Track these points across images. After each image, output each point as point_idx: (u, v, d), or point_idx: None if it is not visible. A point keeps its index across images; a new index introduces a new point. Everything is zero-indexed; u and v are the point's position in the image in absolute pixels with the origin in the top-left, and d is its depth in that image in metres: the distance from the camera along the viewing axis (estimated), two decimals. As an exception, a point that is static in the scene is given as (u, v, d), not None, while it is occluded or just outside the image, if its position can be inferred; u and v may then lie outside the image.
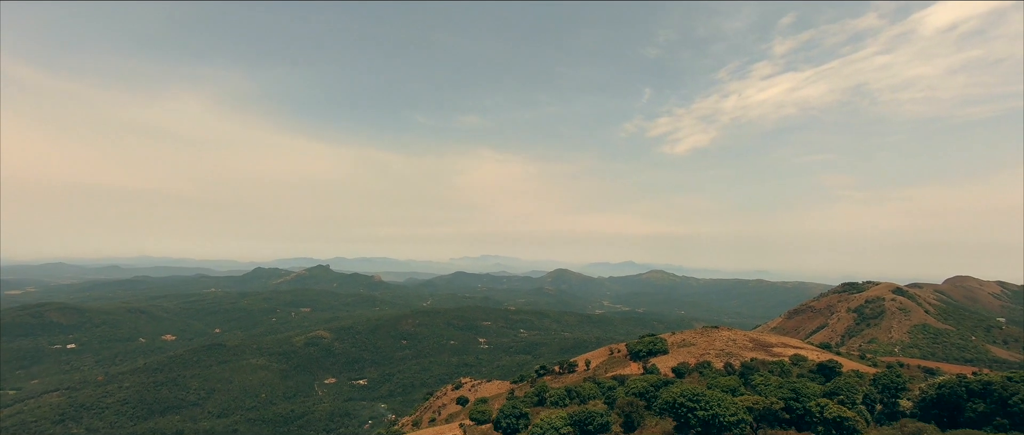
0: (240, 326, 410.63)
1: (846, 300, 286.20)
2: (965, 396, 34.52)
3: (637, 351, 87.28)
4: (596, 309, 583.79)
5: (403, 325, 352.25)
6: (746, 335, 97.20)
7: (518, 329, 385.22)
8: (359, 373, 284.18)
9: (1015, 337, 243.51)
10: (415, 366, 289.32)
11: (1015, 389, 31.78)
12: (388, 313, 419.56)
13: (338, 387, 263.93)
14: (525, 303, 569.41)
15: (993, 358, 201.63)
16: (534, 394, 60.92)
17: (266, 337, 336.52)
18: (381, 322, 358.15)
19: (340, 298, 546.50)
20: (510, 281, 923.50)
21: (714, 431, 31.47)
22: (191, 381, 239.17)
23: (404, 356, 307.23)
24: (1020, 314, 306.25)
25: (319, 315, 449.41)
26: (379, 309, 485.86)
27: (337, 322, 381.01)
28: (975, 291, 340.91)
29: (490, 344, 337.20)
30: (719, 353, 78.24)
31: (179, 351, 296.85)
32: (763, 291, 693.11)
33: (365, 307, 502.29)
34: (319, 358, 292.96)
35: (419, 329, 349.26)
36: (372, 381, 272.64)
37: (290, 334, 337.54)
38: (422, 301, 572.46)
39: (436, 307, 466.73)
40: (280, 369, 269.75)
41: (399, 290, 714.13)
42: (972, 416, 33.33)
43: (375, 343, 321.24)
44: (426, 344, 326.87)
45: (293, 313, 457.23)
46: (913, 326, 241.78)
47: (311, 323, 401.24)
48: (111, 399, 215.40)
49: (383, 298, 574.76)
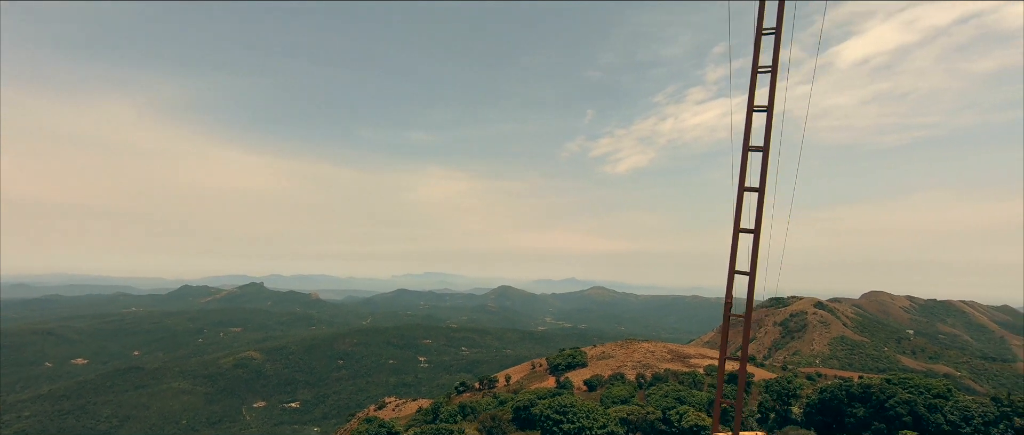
0: (162, 348, 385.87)
1: (772, 314, 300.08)
2: (846, 401, 36.39)
3: (557, 365, 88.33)
4: (539, 326, 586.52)
5: (340, 344, 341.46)
6: (665, 347, 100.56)
7: (459, 347, 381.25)
8: (291, 395, 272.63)
9: (922, 347, 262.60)
10: (351, 387, 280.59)
11: (892, 392, 33.89)
12: (325, 332, 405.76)
13: (268, 411, 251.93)
14: (467, 320, 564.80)
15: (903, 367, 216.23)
16: (430, 411, 60.44)
17: (191, 359, 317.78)
18: (317, 342, 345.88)
19: (274, 317, 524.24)
20: (453, 298, 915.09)
21: None
22: (102, 408, 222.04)
23: (340, 377, 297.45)
24: (926, 326, 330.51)
25: (251, 335, 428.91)
26: (316, 328, 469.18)
27: (270, 342, 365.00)
28: (888, 305, 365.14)
29: (430, 363, 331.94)
30: (636, 365, 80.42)
31: (90, 376, 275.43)
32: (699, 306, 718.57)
33: (301, 326, 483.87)
34: (248, 380, 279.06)
35: (357, 348, 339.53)
36: (305, 404, 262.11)
37: (217, 355, 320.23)
38: (361, 319, 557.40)
39: (376, 325, 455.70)
40: (205, 393, 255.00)
41: (338, 308, 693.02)
42: (852, 421, 35.19)
43: (310, 364, 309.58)
44: (364, 364, 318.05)
45: (222, 333, 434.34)
46: (833, 338, 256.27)
47: (241, 343, 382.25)
48: (7, 431, 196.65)
49: (320, 317, 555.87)
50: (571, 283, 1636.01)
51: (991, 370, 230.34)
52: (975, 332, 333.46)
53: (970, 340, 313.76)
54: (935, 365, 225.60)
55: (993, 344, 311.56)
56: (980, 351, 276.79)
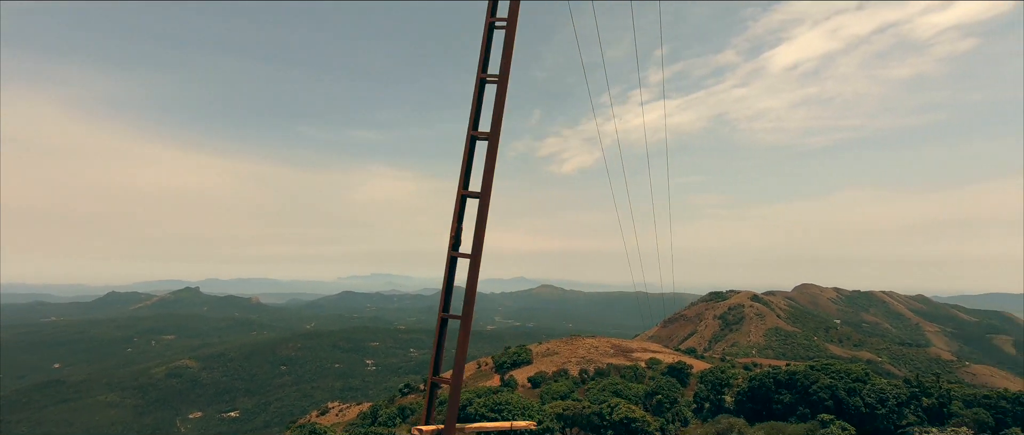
0: (87, 359, 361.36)
1: (712, 308, 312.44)
2: (773, 387, 38.42)
3: (502, 363, 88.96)
4: (488, 325, 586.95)
5: (283, 349, 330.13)
6: (609, 342, 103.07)
7: (408, 349, 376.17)
8: (230, 404, 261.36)
9: (848, 335, 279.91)
10: (295, 393, 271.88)
11: (815, 377, 36.06)
12: (266, 337, 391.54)
13: (205, 422, 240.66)
14: (417, 321, 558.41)
15: (830, 355, 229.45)
16: (369, 415, 59.74)
17: (119, 370, 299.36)
18: (258, 347, 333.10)
19: (211, 323, 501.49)
20: (401, 300, 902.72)
21: None
22: (18, 427, 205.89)
23: (283, 383, 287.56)
24: (852, 316, 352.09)
25: (185, 342, 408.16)
26: (256, 333, 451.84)
27: (206, 349, 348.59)
28: (817, 297, 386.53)
29: (378, 365, 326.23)
30: (580, 360, 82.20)
31: (3, 392, 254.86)
32: (644, 302, 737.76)
33: (240, 332, 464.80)
34: (183, 390, 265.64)
35: (301, 353, 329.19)
36: (245, 412, 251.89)
37: (148, 365, 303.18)
38: (305, 323, 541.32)
39: (320, 329, 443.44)
40: (135, 405, 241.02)
41: (280, 312, 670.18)
42: (779, 407, 37.16)
43: (250, 370, 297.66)
44: (308, 369, 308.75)
45: (154, 341, 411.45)
46: (768, 330, 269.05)
47: (175, 351, 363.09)
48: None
49: (261, 321, 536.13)
50: (520, 282, 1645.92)
51: (908, 355, 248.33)
52: (894, 320, 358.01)
53: (890, 328, 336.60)
54: (859, 352, 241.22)
55: (909, 331, 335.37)
56: (898, 338, 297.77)
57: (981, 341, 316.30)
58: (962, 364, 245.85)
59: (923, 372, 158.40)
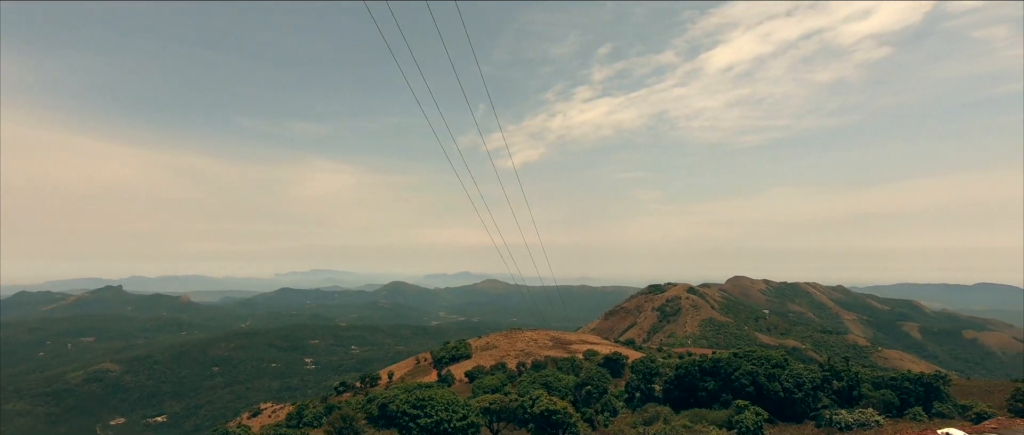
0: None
1: (651, 300, 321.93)
2: (698, 375, 40.00)
3: (441, 358, 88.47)
4: (432, 321, 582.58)
5: (215, 350, 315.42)
6: (548, 335, 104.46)
7: (349, 346, 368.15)
8: (157, 409, 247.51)
9: (775, 324, 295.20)
10: (229, 394, 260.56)
11: (738, 364, 37.75)
12: (197, 338, 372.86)
13: (128, 428, 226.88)
14: (358, 318, 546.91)
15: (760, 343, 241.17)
16: (295, 415, 58.22)
17: (30, 376, 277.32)
18: (188, 348, 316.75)
19: (136, 323, 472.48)
20: (342, 296, 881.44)
21: None
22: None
23: (215, 385, 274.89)
24: (779, 306, 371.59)
25: (106, 345, 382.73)
26: (187, 334, 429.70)
27: (130, 351, 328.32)
28: (748, 288, 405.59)
29: (317, 364, 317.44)
30: (519, 353, 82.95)
31: None
32: (587, 295, 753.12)
33: (168, 332, 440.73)
34: (104, 396, 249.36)
35: (235, 353, 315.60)
36: (174, 417, 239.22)
37: (64, 369, 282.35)
38: (240, 322, 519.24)
39: (256, 327, 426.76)
40: (47, 413, 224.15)
41: (213, 311, 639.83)
42: (704, 394, 38.72)
43: (179, 373, 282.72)
44: (243, 369, 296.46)
45: (70, 344, 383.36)
46: (703, 320, 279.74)
47: (95, 355, 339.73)
48: None
49: (192, 321, 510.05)
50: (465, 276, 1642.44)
51: (828, 341, 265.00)
52: (817, 309, 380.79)
53: (813, 317, 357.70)
54: (785, 340, 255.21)
55: (830, 319, 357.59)
56: (820, 326, 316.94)
57: (892, 328, 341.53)
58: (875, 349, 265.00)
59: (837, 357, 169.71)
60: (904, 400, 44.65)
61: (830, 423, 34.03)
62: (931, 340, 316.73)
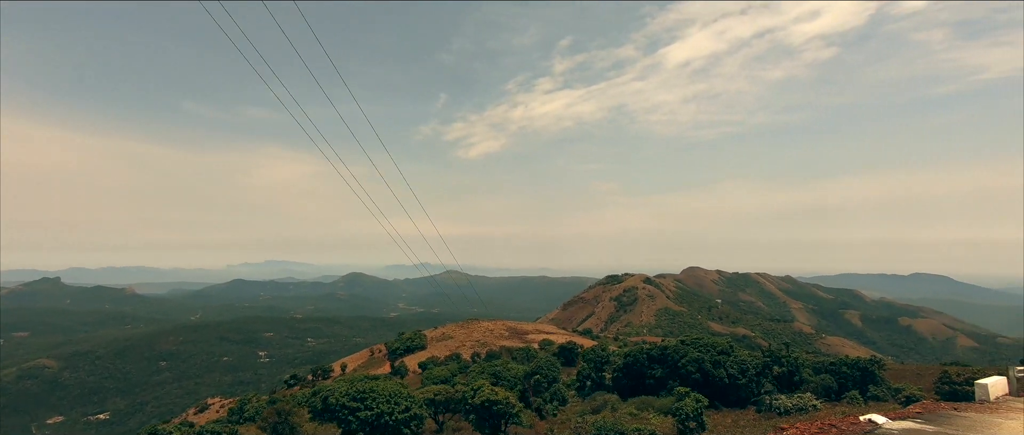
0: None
1: (609, 290, 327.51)
2: (646, 363, 40.82)
3: (395, 349, 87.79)
4: (391, 312, 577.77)
5: (162, 344, 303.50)
6: (505, 325, 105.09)
7: (305, 338, 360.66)
8: (99, 406, 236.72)
9: (727, 313, 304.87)
10: (177, 390, 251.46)
11: (685, 352, 38.67)
12: (143, 331, 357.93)
13: (67, 427, 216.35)
14: (314, 310, 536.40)
15: (712, 332, 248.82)
16: (237, 410, 56.76)
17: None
18: (133, 342, 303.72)
19: (75, 317, 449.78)
20: (298, 288, 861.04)
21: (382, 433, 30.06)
22: None
23: (163, 380, 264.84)
24: (731, 295, 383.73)
25: (43, 340, 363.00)
26: (132, 327, 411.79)
27: (69, 346, 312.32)
28: (702, 278, 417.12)
29: (272, 357, 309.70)
30: (475, 344, 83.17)
31: None
32: (546, 286, 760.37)
33: (112, 326, 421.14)
34: (40, 394, 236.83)
35: (184, 347, 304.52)
36: (117, 414, 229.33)
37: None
38: (190, 314, 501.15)
39: (207, 320, 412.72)
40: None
41: (160, 304, 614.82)
42: (651, 381, 39.59)
43: (123, 368, 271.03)
44: (193, 363, 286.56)
45: (2, 340, 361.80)
46: (658, 310, 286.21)
47: (29, 350, 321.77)
48: None
49: (137, 314, 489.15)
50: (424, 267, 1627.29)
51: (776, 329, 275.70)
52: (766, 299, 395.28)
53: (763, 306, 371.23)
54: (736, 328, 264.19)
55: (778, 308, 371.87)
56: (769, 314, 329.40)
57: (835, 316, 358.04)
58: (820, 336, 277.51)
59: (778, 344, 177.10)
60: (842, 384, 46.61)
61: (770, 408, 34.81)
62: (870, 327, 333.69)
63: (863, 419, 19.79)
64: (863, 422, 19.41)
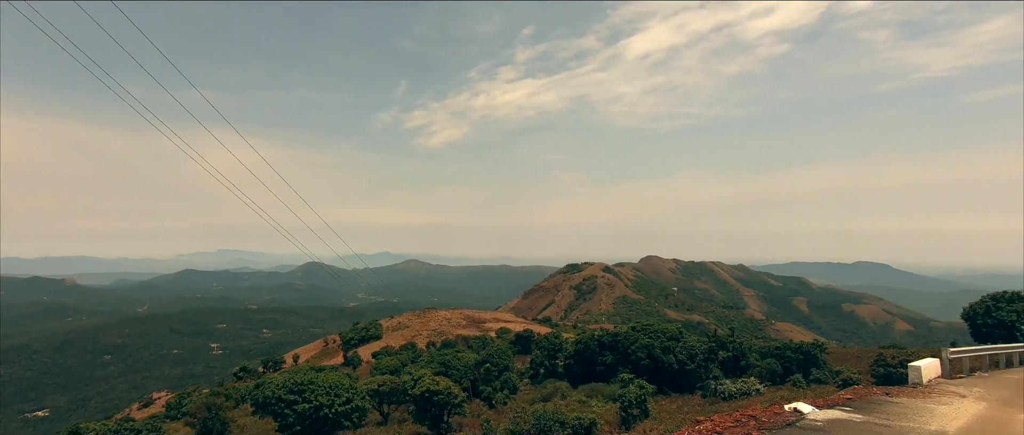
0: None
1: (568, 279, 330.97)
2: (597, 350, 41.24)
3: (349, 339, 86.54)
4: (350, 302, 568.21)
5: (107, 337, 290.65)
6: (462, 314, 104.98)
7: (261, 329, 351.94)
8: (37, 403, 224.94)
9: (683, 301, 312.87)
10: (122, 384, 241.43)
11: (635, 338, 39.13)
12: (85, 324, 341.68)
13: (2, 426, 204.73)
14: (271, 300, 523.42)
15: (667, 319, 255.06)
16: (175, 404, 55.06)
17: None
18: (74, 335, 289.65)
19: (10, 310, 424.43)
20: (253, 278, 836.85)
21: (321, 426, 28.75)
22: None
23: (107, 375, 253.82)
24: (686, 283, 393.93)
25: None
26: (73, 320, 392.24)
27: (3, 341, 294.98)
28: (659, 267, 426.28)
29: (225, 349, 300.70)
30: (431, 333, 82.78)
31: None
32: (508, 275, 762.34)
33: (51, 319, 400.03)
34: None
35: (130, 340, 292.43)
36: (57, 411, 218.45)
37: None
38: (137, 306, 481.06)
39: (155, 312, 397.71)
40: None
41: (104, 295, 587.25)
42: (602, 368, 40.00)
43: (64, 363, 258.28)
44: (139, 357, 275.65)
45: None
46: (617, 298, 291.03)
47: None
48: None
49: (79, 306, 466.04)
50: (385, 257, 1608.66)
51: (729, 316, 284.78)
52: (720, 287, 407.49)
53: (716, 293, 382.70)
54: (691, 315, 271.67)
55: (732, 295, 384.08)
56: (723, 302, 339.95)
57: (785, 302, 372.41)
58: (770, 322, 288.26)
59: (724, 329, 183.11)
60: (787, 368, 48.12)
61: (715, 393, 35.19)
62: (816, 313, 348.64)
63: (788, 408, 18.67)
64: (787, 411, 18.38)
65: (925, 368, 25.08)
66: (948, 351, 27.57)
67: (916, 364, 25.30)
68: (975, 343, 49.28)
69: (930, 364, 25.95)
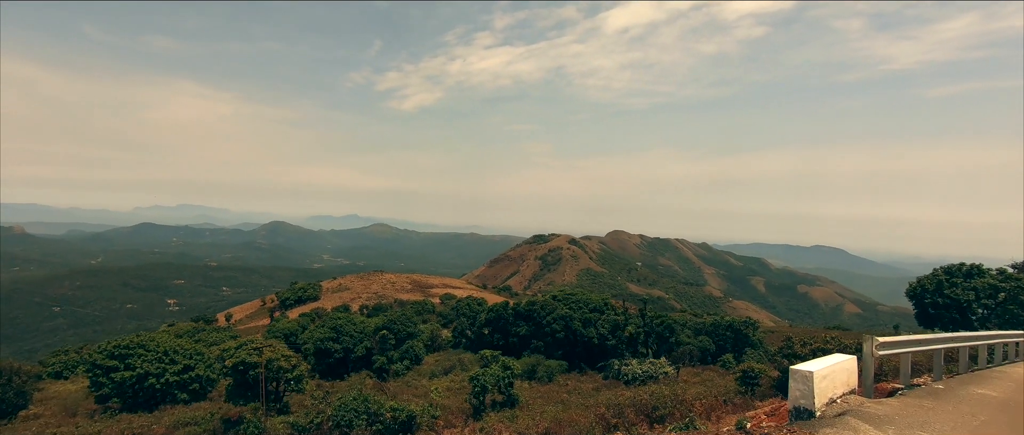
0: None
1: (534, 250, 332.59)
2: (512, 319, 39.89)
3: (286, 299, 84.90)
4: (315, 263, 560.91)
5: (56, 288, 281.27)
6: (409, 278, 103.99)
7: (220, 287, 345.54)
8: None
9: (645, 276, 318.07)
10: (72, 338, 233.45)
11: (553, 308, 37.70)
12: (34, 274, 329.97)
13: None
14: (232, 258, 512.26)
15: (630, 293, 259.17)
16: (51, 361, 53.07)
17: None
18: (20, 285, 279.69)
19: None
20: (215, 234, 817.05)
21: (146, 397, 25.12)
22: None
23: (56, 326, 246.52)
24: (651, 259, 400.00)
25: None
26: (21, 269, 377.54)
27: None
28: (625, 242, 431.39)
29: (182, 305, 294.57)
30: (372, 296, 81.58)
31: None
32: (475, 243, 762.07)
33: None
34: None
35: (81, 292, 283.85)
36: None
37: None
38: (90, 258, 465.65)
39: (109, 265, 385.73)
40: None
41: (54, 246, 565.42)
42: (515, 340, 38.69)
43: (9, 313, 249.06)
44: (91, 310, 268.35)
45: None
46: (581, 270, 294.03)
47: None
48: None
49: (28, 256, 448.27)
50: (353, 219, 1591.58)
51: (689, 292, 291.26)
52: (683, 264, 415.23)
53: (679, 270, 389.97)
54: (653, 290, 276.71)
55: (693, 273, 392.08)
56: (684, 278, 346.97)
57: (743, 282, 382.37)
58: (727, 300, 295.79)
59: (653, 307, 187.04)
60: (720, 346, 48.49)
61: (618, 375, 32.87)
62: (772, 293, 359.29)
63: None
64: None
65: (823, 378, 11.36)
66: (874, 342, 12.96)
67: (804, 370, 11.20)
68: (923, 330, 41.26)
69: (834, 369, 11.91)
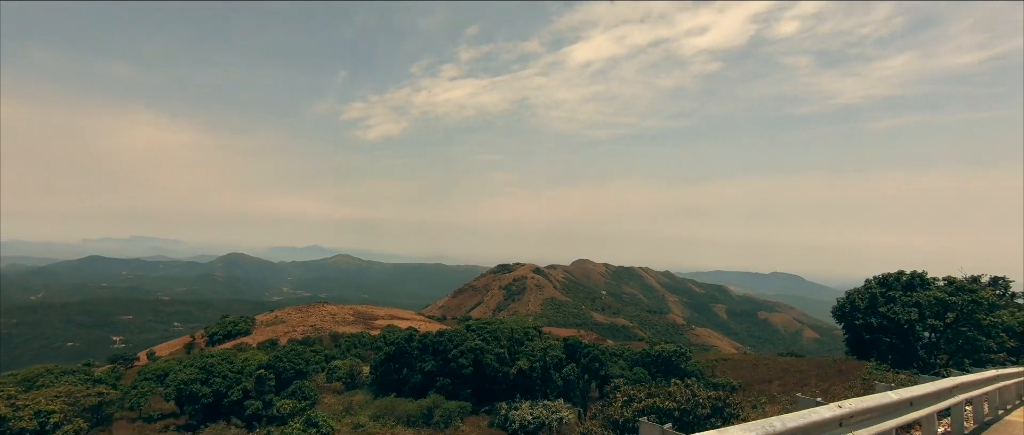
0: None
1: (499, 279, 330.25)
2: (416, 353, 37.05)
3: (214, 334, 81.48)
4: (274, 296, 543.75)
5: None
6: (352, 309, 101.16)
7: (172, 322, 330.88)
8: None
9: (610, 305, 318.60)
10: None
11: (463, 339, 35.02)
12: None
13: None
14: (186, 292, 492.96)
15: (594, 322, 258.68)
16: None
17: None
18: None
19: None
20: (169, 267, 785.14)
21: None
22: None
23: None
24: (615, 287, 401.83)
25: None
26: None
27: None
28: (590, 270, 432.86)
29: (128, 343, 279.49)
30: (308, 329, 78.56)
31: None
32: (441, 273, 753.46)
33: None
34: None
35: (18, 330, 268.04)
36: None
37: None
38: (30, 294, 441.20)
39: (50, 300, 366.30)
40: None
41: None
42: (419, 378, 35.35)
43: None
44: (28, 348, 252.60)
45: None
46: (545, 299, 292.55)
47: None
48: None
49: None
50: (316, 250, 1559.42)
51: (652, 320, 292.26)
52: (647, 292, 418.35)
53: (643, 298, 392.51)
54: (617, 318, 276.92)
55: (657, 301, 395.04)
56: (648, 307, 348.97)
57: (705, 309, 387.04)
58: (690, 327, 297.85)
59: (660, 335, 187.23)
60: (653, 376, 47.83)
61: (505, 422, 30.50)
62: (734, 320, 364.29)
63: None
64: None
65: None
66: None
67: None
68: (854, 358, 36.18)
69: None
